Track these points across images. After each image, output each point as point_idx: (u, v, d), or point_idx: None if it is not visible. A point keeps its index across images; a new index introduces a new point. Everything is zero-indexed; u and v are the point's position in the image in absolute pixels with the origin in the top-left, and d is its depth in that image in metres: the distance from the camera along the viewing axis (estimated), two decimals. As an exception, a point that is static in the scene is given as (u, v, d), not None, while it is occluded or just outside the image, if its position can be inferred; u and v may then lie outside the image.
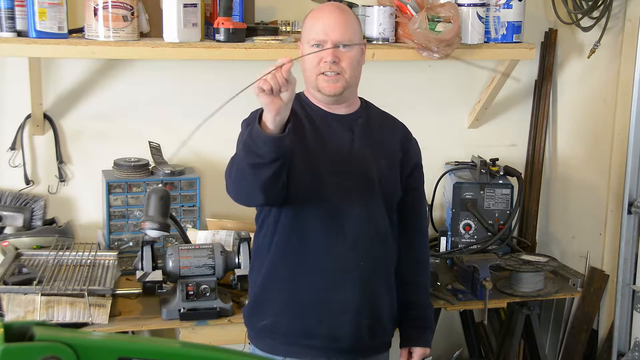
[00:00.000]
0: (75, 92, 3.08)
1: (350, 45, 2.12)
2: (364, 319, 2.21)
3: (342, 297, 2.18)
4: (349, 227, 2.16)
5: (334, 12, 2.16)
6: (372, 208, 2.20)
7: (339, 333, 2.19)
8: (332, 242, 2.16)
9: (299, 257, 2.18)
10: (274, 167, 1.94)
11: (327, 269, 2.16)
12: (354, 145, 2.20)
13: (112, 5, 2.69)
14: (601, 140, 3.38)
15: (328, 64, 2.12)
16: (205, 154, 3.22)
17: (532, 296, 2.97)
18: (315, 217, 2.15)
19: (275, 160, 1.92)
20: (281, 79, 1.85)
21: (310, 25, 2.17)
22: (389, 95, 3.04)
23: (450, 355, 3.68)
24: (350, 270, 2.17)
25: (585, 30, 3.30)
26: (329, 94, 2.16)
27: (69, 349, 1.03)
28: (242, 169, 1.98)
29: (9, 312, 2.46)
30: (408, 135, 2.34)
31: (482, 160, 3.31)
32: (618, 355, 3.03)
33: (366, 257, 2.19)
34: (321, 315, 2.18)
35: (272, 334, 2.22)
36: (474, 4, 3.07)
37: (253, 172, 1.96)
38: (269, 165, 1.93)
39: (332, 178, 2.16)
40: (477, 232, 3.26)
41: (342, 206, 2.16)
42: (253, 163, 1.94)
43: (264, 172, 1.95)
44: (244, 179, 2.00)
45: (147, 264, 2.60)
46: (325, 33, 2.12)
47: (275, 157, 1.92)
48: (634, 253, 2.96)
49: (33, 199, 3.02)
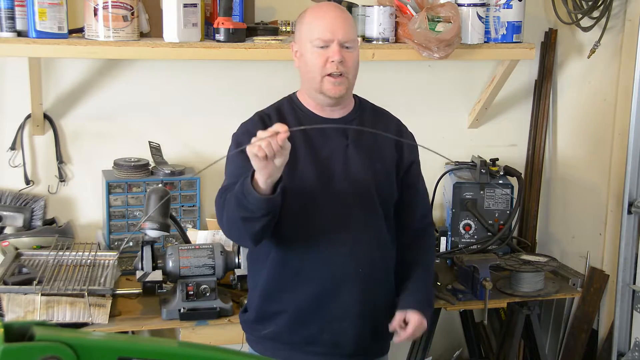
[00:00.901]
0: (75, 92, 3.08)
1: (351, 47, 2.11)
2: (366, 324, 2.21)
3: (341, 304, 2.17)
4: (345, 234, 2.15)
5: (336, 11, 2.14)
6: (369, 214, 2.18)
7: (341, 339, 2.19)
8: (329, 250, 2.14)
9: (297, 267, 2.16)
10: (265, 220, 1.98)
11: (325, 277, 2.15)
12: (348, 151, 2.17)
13: (112, 5, 2.69)
14: (601, 140, 3.38)
15: (335, 63, 2.08)
16: (205, 154, 3.21)
17: (532, 296, 2.97)
18: (311, 226, 2.13)
19: (266, 215, 1.96)
20: (276, 147, 1.82)
21: (311, 24, 2.12)
22: (389, 95, 3.04)
23: (450, 355, 3.68)
24: (349, 277, 2.16)
25: (585, 30, 3.30)
26: (333, 96, 2.13)
27: (69, 349, 1.03)
28: (233, 218, 2.01)
29: (9, 312, 2.46)
30: (403, 133, 2.30)
31: (482, 160, 3.31)
32: (618, 355, 3.03)
33: (364, 263, 2.17)
34: (322, 322, 2.18)
35: (273, 342, 2.22)
36: (474, 4, 3.07)
37: (244, 223, 2.00)
38: (260, 219, 1.97)
39: (326, 186, 2.14)
40: (477, 232, 3.26)
41: (338, 214, 2.14)
42: (244, 217, 1.98)
43: (255, 224, 1.99)
44: (235, 228, 2.06)
45: (147, 264, 2.60)
46: (332, 32, 2.08)
47: (266, 213, 1.95)
48: (634, 253, 2.96)
49: (33, 199, 3.02)
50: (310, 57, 2.11)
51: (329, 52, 2.08)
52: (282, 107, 2.24)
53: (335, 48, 2.08)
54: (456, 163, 3.41)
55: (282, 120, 2.16)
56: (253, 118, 2.22)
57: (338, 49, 2.08)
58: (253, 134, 1.89)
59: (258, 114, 2.23)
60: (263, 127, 2.10)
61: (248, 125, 2.19)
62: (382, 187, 2.21)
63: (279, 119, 2.15)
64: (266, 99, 2.33)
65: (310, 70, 2.13)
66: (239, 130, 2.21)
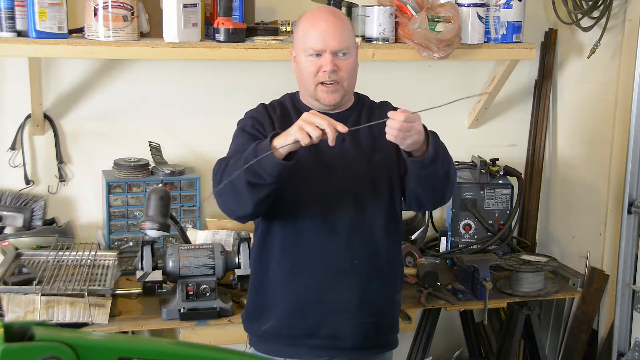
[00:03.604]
0: (75, 92, 3.08)
1: (347, 53, 2.10)
2: (366, 316, 2.21)
3: (338, 296, 2.17)
4: (341, 227, 2.15)
5: (330, 18, 2.12)
6: (365, 206, 2.18)
7: (340, 332, 2.19)
8: (325, 243, 2.15)
9: (293, 260, 2.17)
10: (272, 188, 1.97)
11: (321, 269, 2.16)
12: (344, 144, 2.17)
13: (112, 5, 2.69)
14: (601, 140, 3.38)
15: (327, 73, 2.09)
16: (205, 154, 3.21)
17: (532, 296, 2.97)
18: (307, 218, 2.14)
19: (275, 182, 1.95)
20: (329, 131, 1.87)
21: (305, 32, 2.13)
22: (389, 95, 3.02)
23: (450, 355, 3.68)
24: (345, 270, 2.17)
25: (585, 30, 3.30)
26: (327, 104, 2.14)
27: (69, 349, 1.02)
28: (236, 183, 1.98)
29: (9, 312, 2.47)
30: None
31: (482, 160, 3.31)
32: (618, 355, 3.03)
33: (360, 255, 2.18)
34: (320, 316, 2.18)
35: (274, 336, 2.22)
36: (474, 4, 3.07)
37: (249, 189, 1.98)
38: (268, 185, 1.96)
39: (322, 179, 2.15)
40: (477, 232, 3.26)
41: (333, 207, 2.15)
42: (252, 182, 1.96)
43: (261, 190, 1.98)
44: (235, 194, 2.02)
45: (147, 264, 2.60)
46: (324, 42, 2.08)
47: (277, 180, 1.94)
48: (634, 253, 2.96)
49: (33, 199, 3.02)
50: (304, 65, 2.13)
51: (321, 61, 2.09)
52: (284, 102, 2.26)
53: (328, 58, 2.08)
54: (456, 163, 3.41)
55: (284, 114, 2.19)
56: (258, 108, 2.24)
57: (331, 58, 2.08)
58: (259, 120, 2.02)
59: (262, 105, 2.25)
60: (268, 116, 2.16)
61: (252, 112, 2.22)
62: (381, 179, 2.19)
63: (281, 113, 2.19)
64: (266, 98, 2.32)
65: (304, 78, 2.15)
66: (245, 118, 2.22)
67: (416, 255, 3.11)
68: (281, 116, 2.19)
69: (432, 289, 2.88)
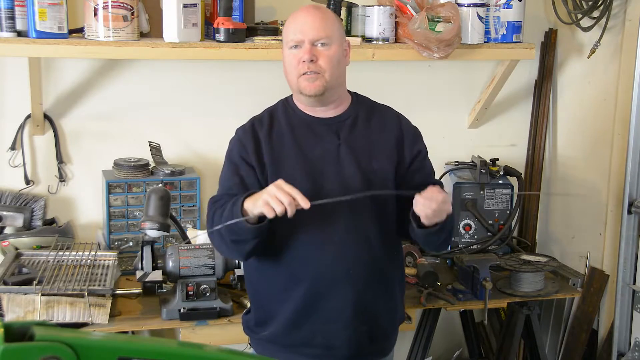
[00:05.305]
0: (75, 92, 3.08)
1: (327, 44, 2.09)
2: (361, 325, 2.19)
3: (333, 305, 2.15)
4: (335, 235, 2.13)
5: (310, 10, 2.14)
6: (360, 214, 2.14)
7: (335, 341, 2.18)
8: (319, 251, 2.13)
9: (288, 269, 2.16)
10: (254, 243, 2.05)
11: (315, 278, 2.14)
12: (340, 151, 2.15)
13: (112, 5, 2.69)
14: (601, 140, 3.38)
15: (306, 63, 2.08)
16: (205, 154, 3.22)
17: (532, 296, 2.97)
18: (301, 227, 2.11)
19: (255, 238, 2.03)
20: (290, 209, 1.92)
21: (287, 27, 2.15)
22: (389, 95, 3.03)
23: (450, 355, 3.68)
24: (339, 278, 2.14)
25: (585, 30, 3.30)
26: (309, 94, 2.11)
27: (69, 349, 1.03)
28: (224, 236, 2.06)
29: (9, 312, 2.47)
30: (402, 126, 2.25)
31: (482, 160, 3.31)
32: (618, 355, 3.03)
33: (355, 263, 2.14)
34: (314, 324, 2.17)
35: (272, 344, 2.22)
36: (474, 4, 3.07)
37: (235, 245, 2.07)
38: (249, 241, 2.04)
39: (315, 186, 2.11)
40: (477, 232, 3.26)
41: (327, 214, 2.10)
42: (233, 239, 2.05)
43: (244, 246, 2.07)
44: (224, 245, 2.11)
45: (147, 264, 2.60)
46: (302, 32, 2.08)
47: (255, 237, 2.02)
48: (634, 253, 2.97)
49: (33, 199, 3.02)
50: (287, 60, 2.13)
51: (301, 52, 2.09)
52: (275, 110, 2.24)
53: (306, 47, 2.08)
54: (456, 163, 3.41)
55: (272, 123, 2.19)
56: (245, 127, 2.22)
57: (309, 47, 2.08)
58: (244, 144, 2.11)
59: (251, 121, 2.23)
60: (252, 139, 2.16)
61: (240, 133, 2.21)
62: (377, 187, 2.14)
63: (269, 123, 2.19)
64: (266, 99, 2.33)
65: (288, 72, 2.14)
66: (234, 137, 2.22)
67: (416, 255, 3.11)
68: (268, 130, 2.17)
69: (432, 289, 2.88)
